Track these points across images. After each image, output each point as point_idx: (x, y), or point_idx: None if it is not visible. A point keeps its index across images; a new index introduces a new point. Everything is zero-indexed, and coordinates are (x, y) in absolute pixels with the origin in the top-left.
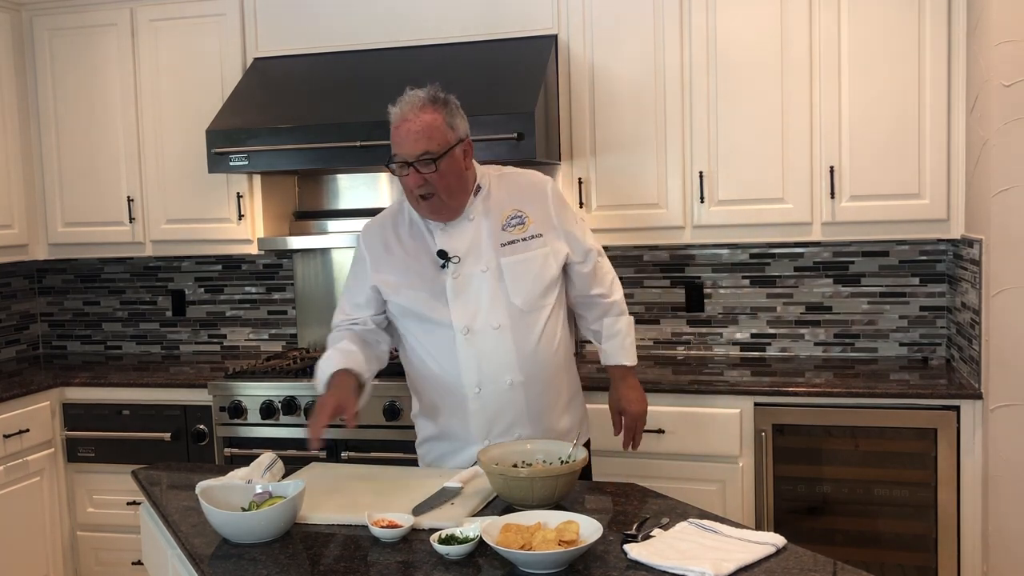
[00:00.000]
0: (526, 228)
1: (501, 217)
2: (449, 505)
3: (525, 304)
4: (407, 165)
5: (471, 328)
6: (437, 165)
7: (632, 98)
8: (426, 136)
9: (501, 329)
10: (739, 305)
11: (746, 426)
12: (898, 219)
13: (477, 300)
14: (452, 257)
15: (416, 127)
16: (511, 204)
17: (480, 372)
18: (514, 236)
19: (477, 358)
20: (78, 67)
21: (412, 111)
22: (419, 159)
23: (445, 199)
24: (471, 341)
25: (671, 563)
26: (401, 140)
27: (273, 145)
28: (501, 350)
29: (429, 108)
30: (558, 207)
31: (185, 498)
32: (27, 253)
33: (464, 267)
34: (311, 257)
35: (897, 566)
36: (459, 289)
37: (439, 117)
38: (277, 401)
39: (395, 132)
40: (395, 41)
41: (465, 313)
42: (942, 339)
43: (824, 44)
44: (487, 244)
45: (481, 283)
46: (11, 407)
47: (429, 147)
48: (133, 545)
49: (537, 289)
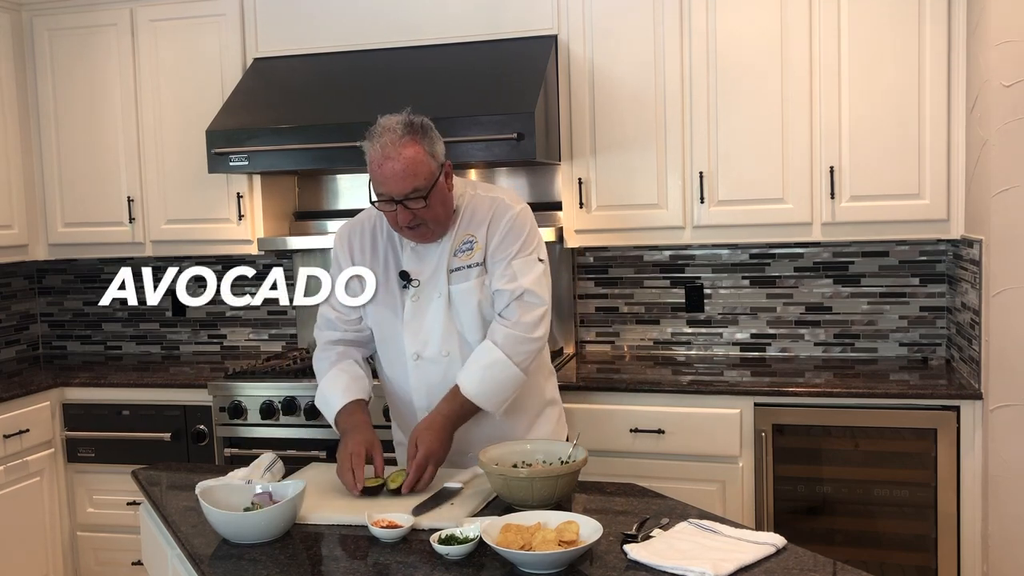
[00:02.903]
0: (473, 255)
1: (457, 242)
2: (449, 505)
3: (470, 334)
4: (394, 203)
5: (421, 355)
6: (427, 201)
7: (632, 98)
8: (412, 173)
9: (450, 357)
10: (739, 305)
11: (746, 426)
12: (898, 219)
13: (430, 326)
14: (413, 280)
15: (400, 166)
16: (468, 228)
17: (430, 398)
18: (461, 263)
19: (427, 384)
20: (78, 67)
21: (392, 148)
22: (408, 197)
23: (433, 227)
24: (421, 367)
25: (671, 563)
26: (386, 180)
27: (273, 145)
28: (449, 378)
29: (408, 141)
30: (504, 238)
31: (185, 498)
32: (27, 253)
33: (424, 291)
34: (311, 257)
35: (897, 566)
36: (415, 313)
37: (420, 150)
38: (277, 401)
39: (378, 171)
40: (395, 41)
41: (416, 339)
42: (942, 339)
43: (824, 44)
44: (443, 270)
45: (437, 309)
46: (11, 407)
47: (416, 184)
48: (133, 545)
49: (479, 320)
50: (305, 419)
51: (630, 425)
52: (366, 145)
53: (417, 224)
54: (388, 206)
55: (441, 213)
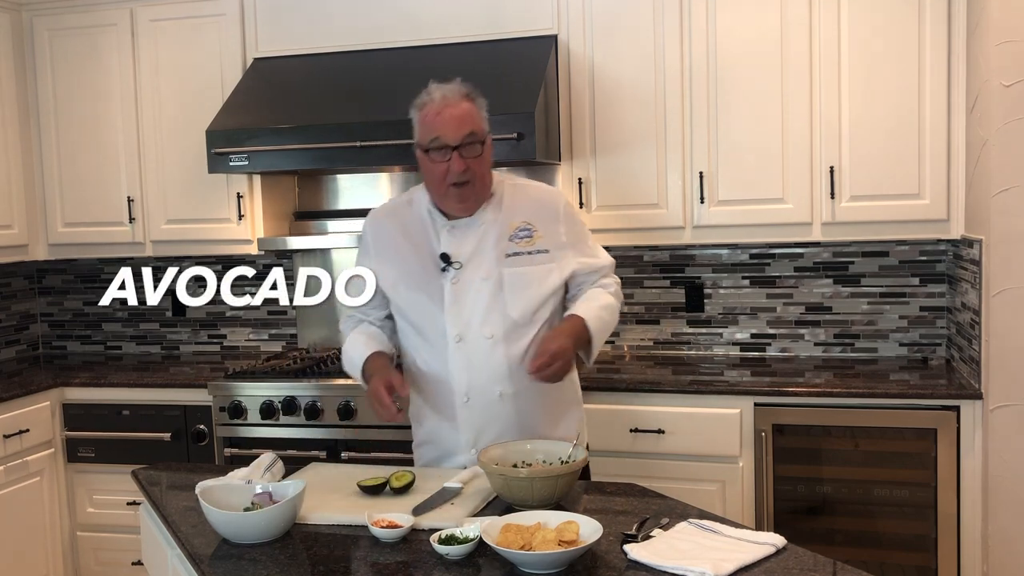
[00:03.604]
0: (533, 242)
1: (509, 228)
2: (449, 505)
3: (521, 317)
4: (449, 150)
5: (464, 336)
6: (482, 148)
7: (632, 98)
8: (470, 120)
9: (494, 339)
10: (739, 305)
11: (746, 426)
12: (898, 219)
13: (473, 308)
14: (454, 262)
15: (459, 112)
16: (521, 216)
17: (470, 381)
18: (520, 248)
19: (468, 367)
20: (78, 67)
21: (452, 98)
22: (464, 142)
23: (479, 188)
24: (462, 349)
25: (671, 563)
26: (444, 124)
27: (273, 145)
28: (492, 361)
29: (466, 99)
30: (569, 224)
31: (185, 498)
32: (27, 253)
33: (465, 273)
34: (311, 257)
35: (897, 566)
36: (457, 295)
37: (475, 108)
38: (277, 401)
39: (436, 117)
40: (395, 41)
41: (459, 320)
42: (942, 339)
43: (824, 44)
44: (491, 253)
45: (480, 291)
46: (11, 407)
47: (474, 129)
48: (133, 545)
49: (535, 303)
50: (305, 419)
51: (630, 425)
52: (416, 105)
53: (465, 181)
54: (441, 155)
55: (487, 177)
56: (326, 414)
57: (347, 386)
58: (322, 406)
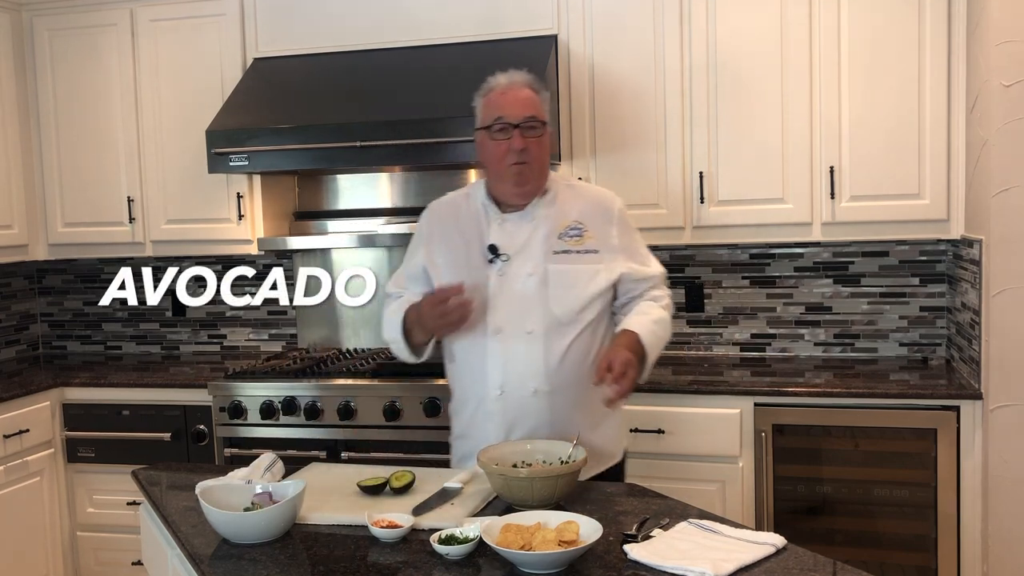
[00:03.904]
0: (583, 241)
1: (560, 225)
2: (449, 505)
3: (564, 315)
4: (511, 128)
5: (503, 329)
6: (543, 131)
7: (632, 98)
8: (534, 104)
9: (533, 335)
10: (739, 305)
11: (746, 426)
12: (898, 219)
13: (516, 302)
14: (502, 254)
15: (524, 94)
16: (573, 215)
17: (505, 375)
18: (569, 247)
19: (504, 360)
20: (78, 67)
21: (520, 83)
22: (526, 122)
23: (537, 170)
24: (501, 342)
25: (671, 563)
26: (509, 103)
27: (273, 145)
28: (529, 356)
29: (530, 87)
30: (622, 228)
31: (185, 498)
32: (27, 253)
33: (511, 266)
34: (311, 257)
35: (897, 566)
36: (501, 288)
37: (538, 97)
38: (277, 401)
39: (500, 97)
40: (395, 41)
41: (501, 313)
42: (942, 339)
43: (824, 44)
44: (539, 248)
45: (524, 286)
46: (11, 407)
47: (536, 112)
48: (133, 545)
49: (579, 302)
50: (305, 419)
51: (630, 425)
52: (480, 92)
53: (523, 161)
54: (502, 134)
55: (545, 164)
56: (326, 414)
57: (347, 386)
58: (322, 406)
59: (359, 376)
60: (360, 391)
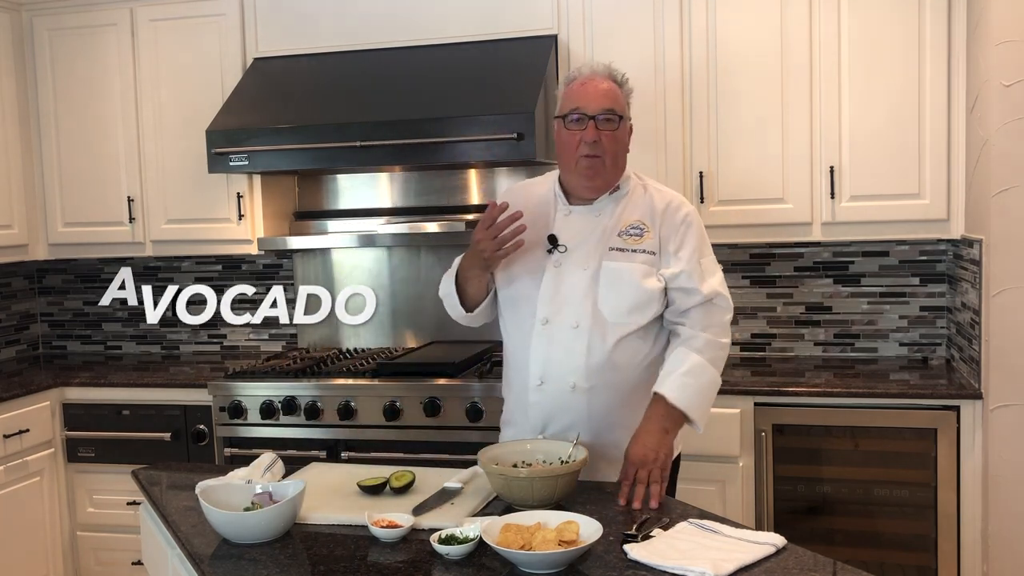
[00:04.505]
0: (641, 241)
1: (623, 223)
2: (449, 505)
3: (611, 313)
4: (586, 119)
5: (550, 320)
6: (619, 125)
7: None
8: (612, 96)
9: (579, 330)
10: (739, 305)
11: (746, 426)
12: (898, 219)
13: (566, 295)
14: (561, 245)
15: (604, 87)
16: (639, 214)
17: (546, 366)
18: (626, 245)
19: (547, 351)
20: (78, 67)
21: (601, 75)
22: (602, 115)
23: (609, 164)
24: (546, 333)
25: (671, 563)
26: (587, 94)
27: (273, 145)
28: (571, 350)
29: (611, 79)
30: (687, 235)
31: (185, 498)
32: (27, 253)
33: (569, 258)
34: (311, 257)
35: (897, 566)
36: (555, 278)
37: (619, 90)
38: (277, 401)
39: (580, 88)
40: (395, 41)
41: (550, 304)
42: (942, 339)
43: (824, 44)
44: (597, 244)
45: (578, 280)
46: (11, 407)
47: (614, 106)
48: (133, 545)
49: (627, 303)
50: (305, 419)
51: None
52: (563, 80)
53: (596, 155)
54: (577, 125)
55: (620, 155)
56: (326, 414)
57: (347, 386)
58: (322, 406)
59: (359, 376)
60: (360, 391)
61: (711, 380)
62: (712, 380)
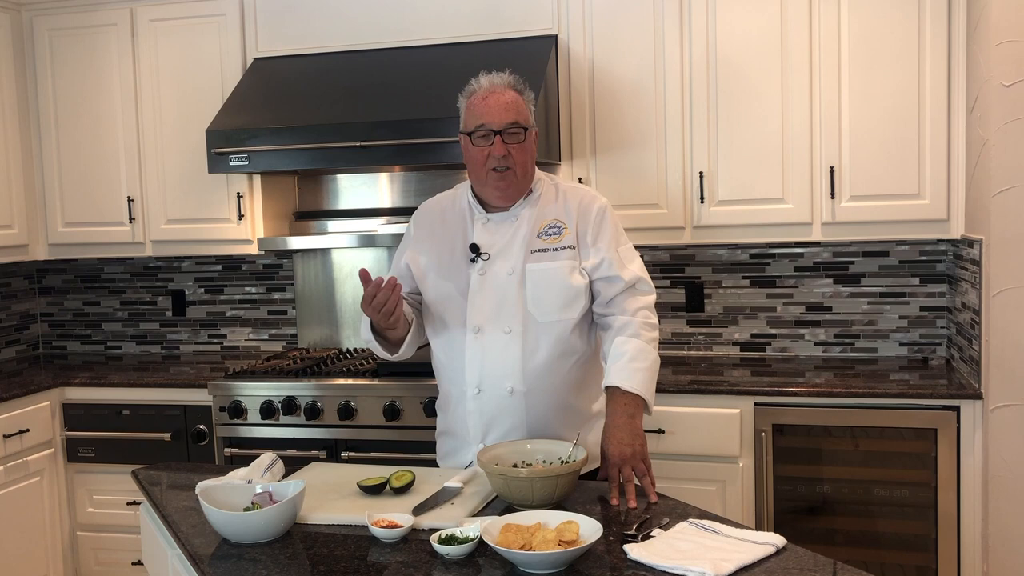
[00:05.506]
0: (560, 239)
1: (540, 225)
2: (449, 505)
3: (541, 314)
4: (492, 135)
5: (481, 328)
6: (525, 136)
7: (632, 98)
8: (515, 108)
9: (511, 335)
10: (739, 305)
11: (746, 426)
12: (898, 219)
13: (495, 301)
14: (483, 253)
15: (506, 99)
16: (554, 214)
17: (482, 374)
18: (546, 245)
19: (481, 359)
20: (78, 67)
21: (500, 86)
22: (508, 129)
23: (519, 175)
24: (479, 341)
25: (671, 563)
26: (490, 109)
27: (273, 145)
28: (506, 356)
29: (512, 88)
30: (602, 228)
31: (185, 498)
32: (27, 253)
33: (492, 266)
34: (311, 257)
35: (897, 566)
36: (481, 287)
37: (521, 99)
38: (277, 401)
39: (482, 102)
40: (395, 41)
41: (480, 312)
42: (942, 339)
43: (824, 44)
44: (519, 248)
45: (504, 286)
46: (11, 407)
47: (518, 118)
48: (133, 545)
49: (556, 301)
50: (305, 419)
51: None
52: (464, 94)
53: (506, 168)
54: (484, 141)
55: (528, 164)
56: (326, 414)
57: (347, 386)
58: (322, 406)
59: (359, 376)
60: (360, 391)
61: (654, 361)
62: (655, 361)
